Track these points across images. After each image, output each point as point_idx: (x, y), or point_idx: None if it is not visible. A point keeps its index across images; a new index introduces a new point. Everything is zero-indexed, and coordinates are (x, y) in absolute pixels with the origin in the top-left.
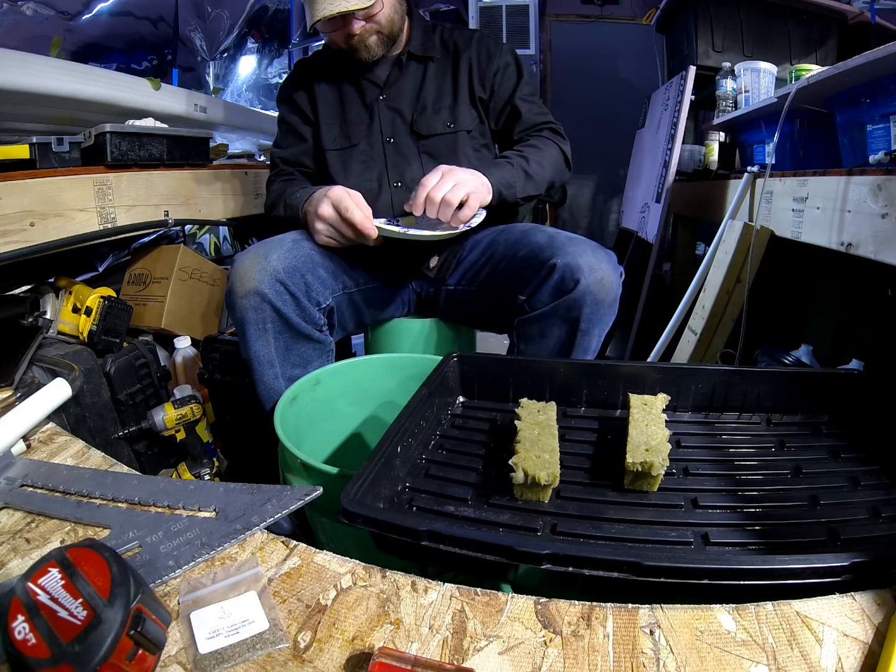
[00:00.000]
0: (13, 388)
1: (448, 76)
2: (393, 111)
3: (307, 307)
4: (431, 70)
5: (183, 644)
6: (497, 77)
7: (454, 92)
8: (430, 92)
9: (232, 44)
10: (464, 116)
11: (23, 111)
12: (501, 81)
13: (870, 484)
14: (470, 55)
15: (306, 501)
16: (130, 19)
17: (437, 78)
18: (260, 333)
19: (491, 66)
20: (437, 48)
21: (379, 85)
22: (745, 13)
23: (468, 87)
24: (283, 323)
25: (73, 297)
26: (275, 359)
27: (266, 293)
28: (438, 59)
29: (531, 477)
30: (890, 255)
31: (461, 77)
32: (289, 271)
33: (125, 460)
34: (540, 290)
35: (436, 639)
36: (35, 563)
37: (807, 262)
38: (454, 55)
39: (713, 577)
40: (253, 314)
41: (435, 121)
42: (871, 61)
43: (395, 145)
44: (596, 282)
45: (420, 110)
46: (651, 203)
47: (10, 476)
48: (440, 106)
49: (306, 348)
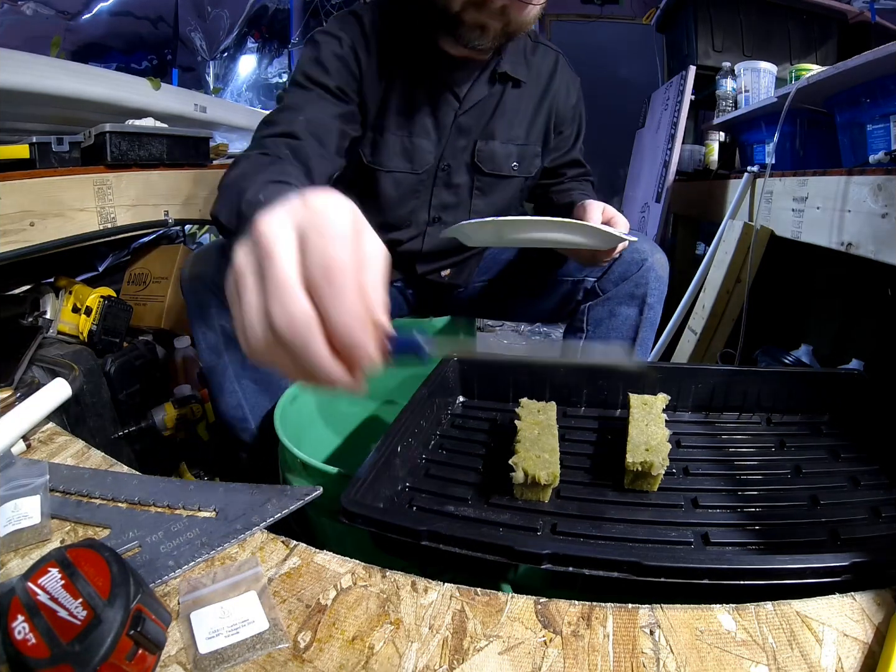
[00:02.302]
0: (13, 388)
1: (528, 108)
2: (461, 133)
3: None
4: (511, 95)
5: (183, 644)
6: (568, 119)
7: (529, 128)
8: (503, 120)
9: (232, 44)
10: (530, 160)
11: (23, 111)
12: (571, 126)
13: (870, 484)
14: (554, 89)
15: (306, 501)
16: (130, 19)
17: (515, 106)
18: (202, 318)
19: (567, 104)
20: (525, 70)
21: (458, 98)
22: (745, 13)
23: (545, 128)
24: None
25: (73, 297)
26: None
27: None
28: (525, 86)
29: (531, 477)
30: (890, 255)
31: (541, 114)
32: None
33: (125, 460)
34: (609, 273)
35: (436, 639)
36: (35, 563)
37: (807, 263)
38: (539, 85)
39: (713, 577)
40: (193, 297)
41: (500, 156)
42: (871, 61)
43: (448, 173)
44: (657, 261)
45: (486, 138)
46: (651, 203)
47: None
48: (509, 140)
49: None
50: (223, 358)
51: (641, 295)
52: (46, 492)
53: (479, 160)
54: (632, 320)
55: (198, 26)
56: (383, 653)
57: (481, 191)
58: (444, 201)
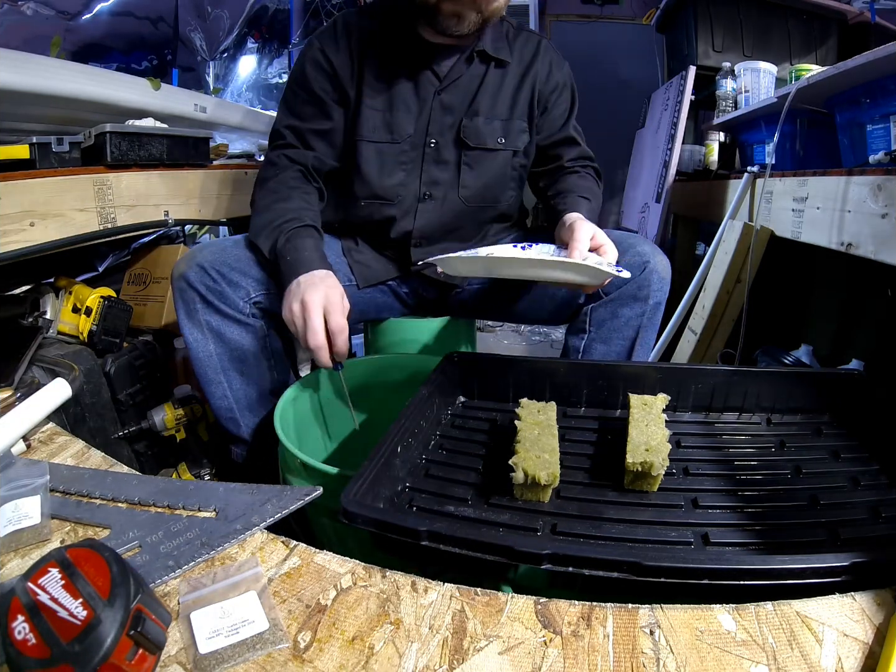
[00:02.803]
0: (13, 388)
1: (510, 86)
2: (445, 110)
3: (228, 294)
4: (493, 74)
5: (183, 644)
6: (553, 96)
7: (512, 105)
8: (486, 98)
9: (232, 44)
10: (516, 134)
11: (23, 111)
12: (557, 103)
13: (870, 484)
14: (536, 68)
15: (306, 501)
16: (130, 19)
17: (498, 84)
18: (188, 313)
19: (549, 82)
20: (508, 52)
21: (439, 77)
22: (745, 13)
23: (528, 104)
24: (205, 302)
25: (73, 297)
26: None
27: (190, 277)
28: (508, 66)
29: (531, 477)
30: (890, 255)
31: (523, 90)
32: (215, 262)
33: (125, 460)
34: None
35: (436, 639)
36: (35, 563)
37: (807, 262)
38: (522, 65)
39: (713, 577)
40: (180, 295)
41: (485, 132)
42: (871, 61)
43: (437, 149)
44: (659, 263)
45: (471, 115)
46: (651, 203)
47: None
48: (493, 116)
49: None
50: (209, 350)
51: (644, 296)
52: (47, 492)
53: (464, 135)
54: (634, 321)
55: (198, 26)
56: (383, 653)
57: (469, 165)
58: (433, 177)
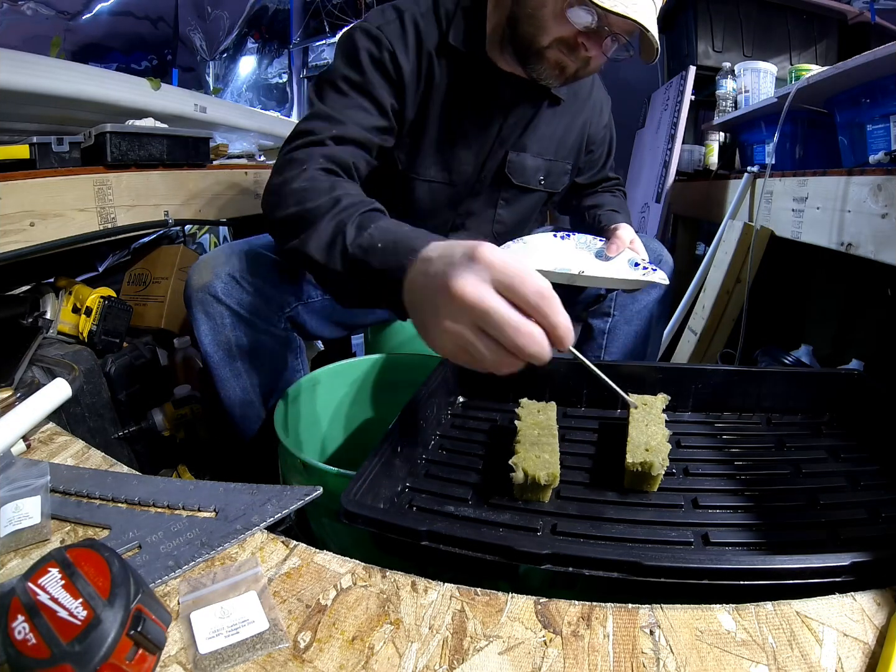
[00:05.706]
0: (13, 388)
1: (560, 125)
2: (501, 146)
3: (262, 308)
4: (546, 110)
5: (183, 644)
6: (598, 138)
7: (559, 145)
8: (535, 134)
9: (232, 44)
10: (557, 176)
11: (23, 111)
12: (602, 146)
13: (870, 484)
14: (588, 110)
15: (306, 501)
16: (130, 19)
17: (549, 122)
18: (213, 328)
19: (599, 124)
20: (565, 91)
21: (503, 109)
22: (745, 13)
23: (577, 147)
24: (236, 318)
25: (73, 297)
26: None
27: (217, 289)
28: (563, 105)
29: (531, 477)
30: (890, 255)
31: (573, 132)
32: (246, 272)
33: (125, 460)
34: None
35: (436, 639)
36: (35, 563)
37: (807, 263)
38: (574, 104)
39: (713, 577)
40: (201, 307)
41: (530, 170)
42: (871, 61)
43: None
44: (668, 256)
45: (518, 150)
46: (651, 203)
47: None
48: (539, 154)
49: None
50: (236, 369)
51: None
52: (47, 492)
53: (509, 171)
54: (651, 305)
55: (198, 26)
56: (383, 653)
57: (506, 201)
58: (469, 208)
